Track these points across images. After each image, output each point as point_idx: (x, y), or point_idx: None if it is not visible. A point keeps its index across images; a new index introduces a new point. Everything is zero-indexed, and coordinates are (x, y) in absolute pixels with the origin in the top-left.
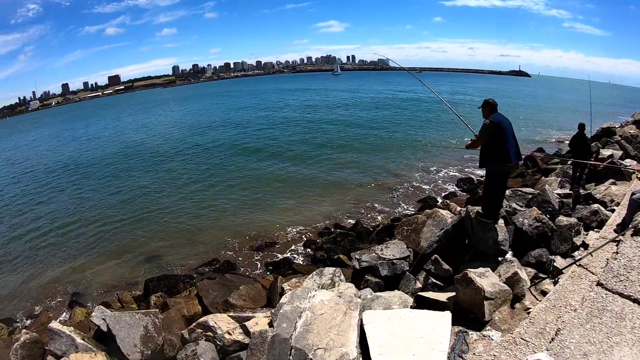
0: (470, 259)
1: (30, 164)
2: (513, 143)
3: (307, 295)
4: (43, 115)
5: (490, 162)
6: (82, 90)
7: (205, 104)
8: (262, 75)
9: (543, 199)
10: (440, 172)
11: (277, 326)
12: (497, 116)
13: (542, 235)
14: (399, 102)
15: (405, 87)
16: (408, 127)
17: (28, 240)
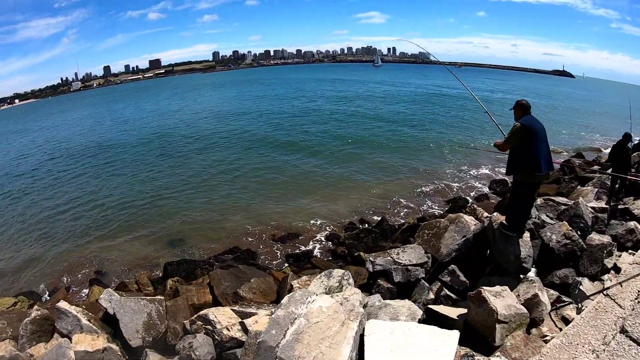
0: (490, 272)
1: (67, 142)
2: (545, 150)
3: (306, 299)
4: (84, 96)
5: (518, 169)
6: (123, 73)
7: (241, 90)
8: (301, 64)
9: (575, 212)
10: (473, 172)
11: (266, 332)
12: (529, 119)
13: (570, 254)
14: (436, 98)
15: (443, 81)
16: (442, 125)
17: (59, 215)
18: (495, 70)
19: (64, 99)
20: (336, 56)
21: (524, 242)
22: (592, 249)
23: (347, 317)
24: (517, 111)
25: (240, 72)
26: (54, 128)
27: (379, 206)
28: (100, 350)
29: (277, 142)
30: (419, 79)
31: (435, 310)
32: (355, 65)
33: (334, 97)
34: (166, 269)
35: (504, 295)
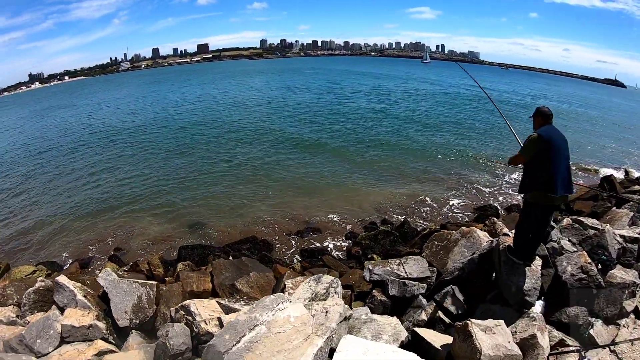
0: (492, 299)
1: (108, 119)
2: (563, 168)
3: (276, 306)
4: (132, 76)
5: (529, 188)
6: (171, 55)
7: (284, 80)
8: (348, 56)
9: (599, 242)
10: (508, 177)
11: (219, 335)
12: (549, 130)
13: (585, 291)
14: (482, 102)
15: (490, 84)
16: (481, 132)
17: (91, 188)
18: (545, 74)
19: (111, 78)
20: (384, 50)
21: (532, 271)
22: (612, 287)
23: (315, 332)
24: (537, 119)
25: (287, 60)
26: (98, 105)
27: (405, 207)
28: (86, 327)
29: (308, 139)
30: (467, 79)
31: (420, 335)
32: (402, 60)
33: (375, 92)
34: (180, 252)
35: (496, 331)
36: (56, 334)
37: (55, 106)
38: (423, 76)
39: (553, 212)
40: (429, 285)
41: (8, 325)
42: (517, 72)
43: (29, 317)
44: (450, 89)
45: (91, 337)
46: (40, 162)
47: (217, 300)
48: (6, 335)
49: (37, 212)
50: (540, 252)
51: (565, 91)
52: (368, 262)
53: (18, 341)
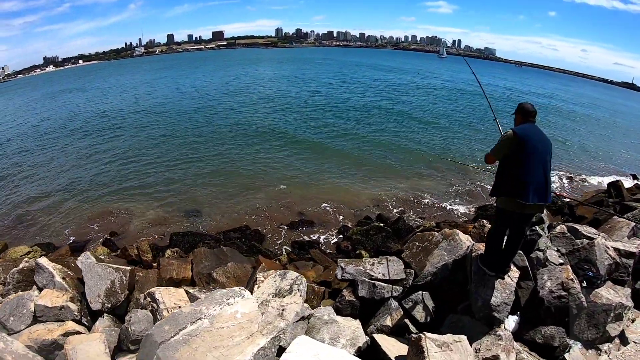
0: (463, 310)
1: (115, 104)
2: (539, 173)
3: (225, 300)
4: (146, 61)
5: (500, 191)
6: (186, 42)
7: (297, 68)
8: (364, 48)
9: (586, 256)
10: None
11: (158, 325)
12: (528, 129)
13: (564, 310)
14: (495, 101)
15: (503, 81)
16: (489, 133)
17: (92, 172)
18: (561, 74)
19: (125, 62)
20: (399, 43)
21: (504, 285)
22: (595, 308)
23: (260, 330)
24: (517, 117)
25: (301, 50)
26: (107, 89)
27: (403, 203)
28: (58, 307)
29: (309, 132)
30: (486, 77)
31: (377, 342)
32: (418, 54)
33: (386, 87)
34: (171, 238)
35: (454, 348)
36: (29, 313)
37: (67, 89)
38: (436, 71)
39: (528, 221)
40: (405, 288)
41: None
42: (531, 71)
43: (10, 296)
44: (464, 85)
45: (63, 317)
46: (45, 144)
47: (185, 289)
48: None
49: (40, 194)
50: (519, 263)
51: (580, 92)
52: (341, 260)
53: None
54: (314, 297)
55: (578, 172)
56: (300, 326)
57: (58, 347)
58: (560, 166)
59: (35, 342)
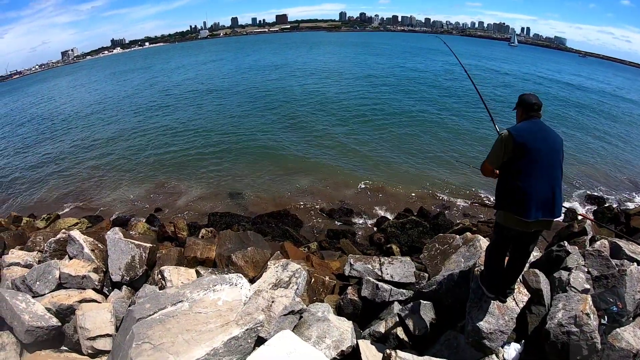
0: (462, 328)
1: (177, 85)
2: (544, 182)
3: (212, 287)
4: (211, 43)
5: (499, 204)
6: (250, 25)
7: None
8: (428, 33)
9: (613, 286)
10: (580, 185)
11: (140, 303)
12: (529, 127)
13: (573, 349)
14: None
15: (582, 75)
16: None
17: (148, 149)
18: (633, 68)
19: (190, 44)
20: (466, 29)
21: (505, 310)
22: (610, 352)
23: (237, 320)
24: (518, 111)
25: (366, 34)
26: (171, 70)
27: (454, 196)
28: (80, 276)
29: (368, 116)
30: (555, 67)
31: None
32: (487, 41)
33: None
34: (209, 218)
35: None
36: (54, 279)
37: (133, 69)
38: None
39: (533, 239)
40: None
41: (24, 267)
42: (597, 62)
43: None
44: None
45: (84, 286)
46: (107, 120)
47: (197, 269)
48: (16, 275)
49: (96, 169)
50: (533, 285)
51: None
52: (351, 256)
53: (21, 281)
54: (322, 290)
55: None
56: (288, 320)
57: (73, 312)
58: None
59: (54, 306)
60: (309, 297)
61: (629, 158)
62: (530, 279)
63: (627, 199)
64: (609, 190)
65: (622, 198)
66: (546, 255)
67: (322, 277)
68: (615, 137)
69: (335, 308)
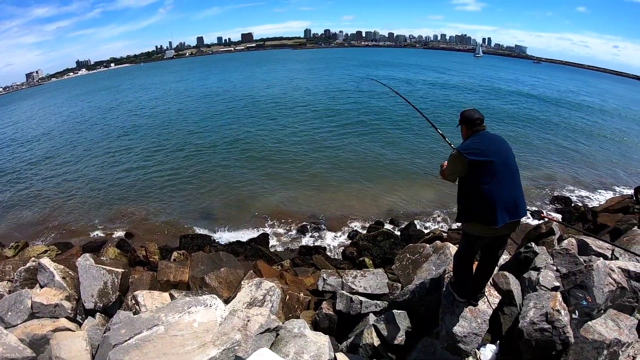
0: (437, 334)
1: (138, 107)
2: (505, 189)
3: (186, 309)
4: (176, 63)
5: (465, 215)
6: (216, 44)
7: (321, 70)
8: (392, 47)
9: (582, 281)
10: (547, 188)
11: (115, 329)
12: (478, 142)
13: (547, 344)
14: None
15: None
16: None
17: (112, 174)
18: (592, 72)
19: (156, 65)
20: (429, 42)
21: (477, 313)
22: (584, 344)
23: (213, 341)
24: (462, 128)
25: (331, 50)
26: (136, 91)
27: (422, 208)
28: (53, 305)
29: (325, 135)
30: (525, 75)
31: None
32: (451, 53)
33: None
34: (181, 241)
35: None
36: (26, 309)
37: (97, 89)
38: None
39: (502, 243)
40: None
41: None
42: (554, 67)
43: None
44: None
45: (57, 314)
46: (69, 145)
47: (171, 293)
48: None
49: (63, 195)
50: (503, 286)
51: (604, 87)
52: (324, 271)
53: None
54: (298, 307)
55: (603, 175)
56: (265, 338)
57: (47, 341)
58: (576, 173)
59: (27, 336)
60: (284, 315)
61: (591, 158)
62: (500, 281)
63: (592, 198)
64: (574, 191)
65: (588, 197)
66: (515, 257)
67: (296, 293)
68: (575, 141)
69: (311, 323)
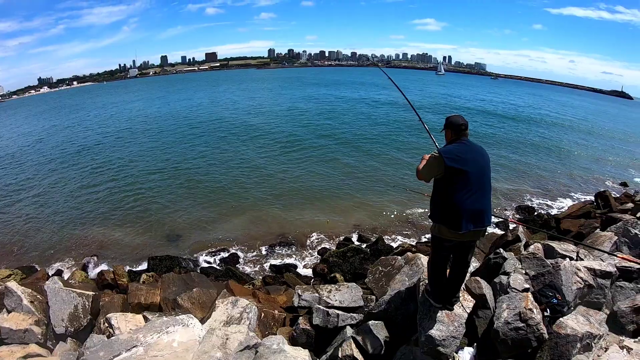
0: (416, 341)
1: (101, 127)
2: (475, 197)
3: (165, 329)
4: (138, 82)
5: (434, 216)
6: (180, 63)
7: (282, 90)
8: (355, 67)
9: (551, 281)
10: (512, 199)
11: (93, 352)
12: (459, 149)
13: (523, 342)
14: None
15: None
16: None
17: (76, 196)
18: (551, 86)
19: (119, 84)
20: (391, 61)
21: (452, 317)
22: (558, 339)
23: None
24: (447, 133)
25: (295, 70)
26: (98, 112)
27: (388, 223)
28: (22, 330)
29: (292, 150)
30: (483, 92)
31: None
32: (413, 71)
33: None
34: (149, 262)
35: None
36: None
37: (58, 107)
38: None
39: (469, 249)
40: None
41: None
42: (519, 84)
43: None
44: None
45: (27, 340)
46: (31, 167)
47: (144, 315)
48: None
49: (26, 218)
50: (475, 291)
51: (561, 100)
52: (298, 287)
53: None
54: (274, 324)
55: (563, 184)
56: (245, 355)
57: None
58: (540, 180)
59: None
60: (261, 332)
61: (548, 170)
62: (473, 286)
63: (553, 206)
64: (536, 200)
65: (550, 205)
66: (485, 264)
67: (271, 311)
68: (534, 155)
69: (289, 340)
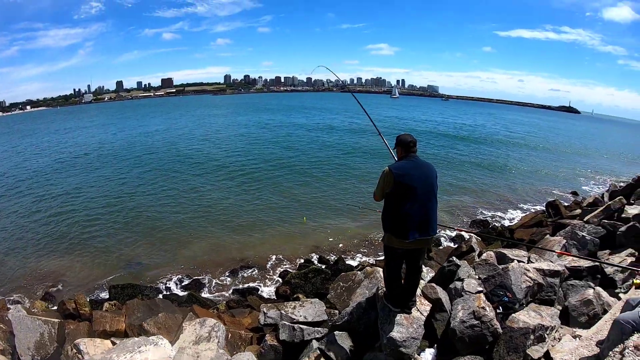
0: (380, 347)
1: (54, 155)
2: (420, 209)
3: (136, 348)
4: (93, 108)
5: (385, 228)
6: (135, 89)
7: (237, 117)
8: (311, 92)
9: (501, 282)
10: (466, 214)
11: None
12: (405, 166)
13: (479, 338)
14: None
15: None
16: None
17: (30, 224)
18: (502, 105)
19: (74, 109)
20: (346, 86)
21: (412, 319)
22: (512, 333)
23: None
24: (398, 150)
25: (250, 96)
26: (48, 140)
27: (347, 243)
28: None
29: (248, 174)
30: (436, 114)
31: None
32: (368, 95)
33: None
34: (111, 291)
35: None
36: None
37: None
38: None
39: (418, 255)
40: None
41: None
42: (472, 104)
43: None
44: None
45: None
46: None
47: (112, 340)
48: None
49: None
50: (431, 295)
51: (510, 118)
52: (264, 305)
53: None
54: (241, 344)
55: (516, 198)
56: None
57: None
58: (499, 191)
59: None
60: (229, 352)
61: (501, 185)
62: (428, 292)
63: (506, 218)
64: (489, 214)
65: (502, 217)
66: (439, 272)
67: (238, 331)
68: (486, 171)
69: (257, 357)
